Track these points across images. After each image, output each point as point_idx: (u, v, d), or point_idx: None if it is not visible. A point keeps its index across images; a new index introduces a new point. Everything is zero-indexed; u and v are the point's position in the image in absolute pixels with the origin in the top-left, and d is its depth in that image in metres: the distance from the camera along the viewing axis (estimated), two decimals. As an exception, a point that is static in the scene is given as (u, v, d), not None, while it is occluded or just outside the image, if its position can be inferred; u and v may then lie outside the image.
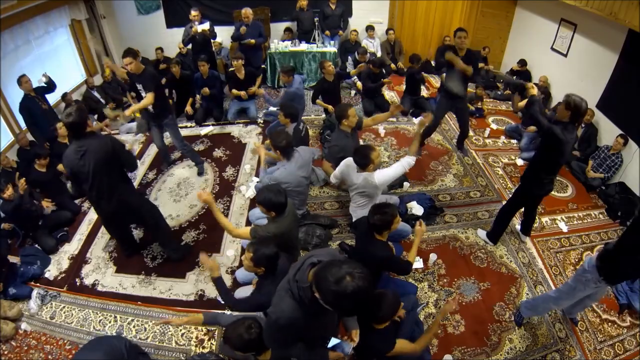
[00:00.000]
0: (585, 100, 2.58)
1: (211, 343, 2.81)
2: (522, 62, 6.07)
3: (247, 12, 5.71)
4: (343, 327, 2.18)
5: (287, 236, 2.67)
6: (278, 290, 1.76)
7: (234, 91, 5.35)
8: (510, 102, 6.13)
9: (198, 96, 5.60)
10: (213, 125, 5.48)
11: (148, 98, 3.60)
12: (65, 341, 2.86)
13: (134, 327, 2.95)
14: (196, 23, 5.56)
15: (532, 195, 3.17)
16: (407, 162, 3.08)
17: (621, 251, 2.20)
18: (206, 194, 2.60)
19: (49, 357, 2.77)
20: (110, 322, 2.99)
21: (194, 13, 5.53)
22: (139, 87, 3.79)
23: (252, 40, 5.76)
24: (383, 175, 3.10)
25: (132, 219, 3.32)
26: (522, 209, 3.49)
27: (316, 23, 6.24)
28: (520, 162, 4.76)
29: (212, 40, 5.98)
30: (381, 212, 2.46)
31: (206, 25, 5.58)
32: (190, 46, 5.97)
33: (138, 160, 4.82)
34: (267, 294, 2.27)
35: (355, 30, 6.74)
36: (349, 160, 3.24)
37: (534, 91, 2.97)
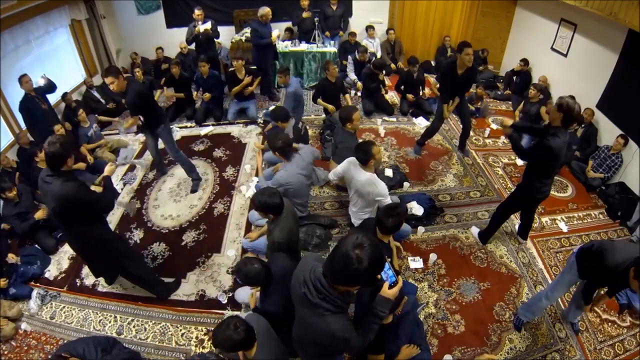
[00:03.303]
0: (578, 103, 2.56)
1: (211, 343, 2.81)
2: (525, 61, 6.07)
3: (268, 12, 5.43)
4: None
5: (292, 236, 2.67)
6: (315, 324, 1.65)
7: (234, 89, 5.33)
8: (510, 102, 6.12)
9: (196, 93, 5.61)
10: (213, 125, 5.48)
11: (129, 121, 3.52)
12: (65, 341, 2.85)
13: (134, 327, 2.95)
14: (199, 22, 5.55)
15: (526, 198, 3.17)
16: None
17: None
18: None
19: (49, 357, 2.76)
20: (110, 322, 2.99)
21: (197, 12, 5.52)
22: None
23: (276, 34, 5.60)
24: (378, 193, 3.10)
25: (103, 260, 2.86)
26: (520, 213, 3.50)
27: (316, 23, 6.24)
28: (520, 162, 4.75)
29: (215, 40, 5.96)
30: (395, 214, 2.50)
31: (208, 25, 5.56)
32: (193, 45, 5.96)
33: (138, 161, 4.83)
34: (276, 304, 2.28)
35: (353, 33, 6.75)
36: (352, 159, 3.25)
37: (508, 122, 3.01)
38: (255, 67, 5.75)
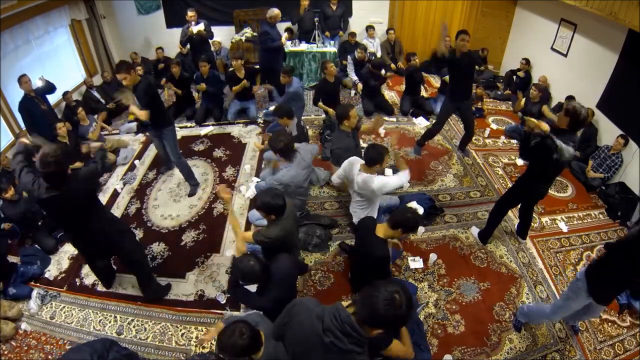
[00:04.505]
0: (585, 107, 2.59)
1: (211, 343, 2.79)
2: (527, 61, 6.06)
3: (278, 14, 5.20)
4: None
5: (289, 237, 2.67)
6: None
7: (235, 88, 5.31)
8: (510, 102, 6.12)
9: (197, 94, 5.60)
10: (213, 125, 5.48)
11: (142, 115, 3.40)
12: (65, 341, 2.86)
13: (134, 327, 2.95)
14: (192, 23, 5.52)
15: (523, 195, 3.17)
16: (405, 176, 3.14)
17: (606, 271, 2.22)
18: (225, 192, 2.65)
19: (49, 357, 2.77)
20: (110, 322, 2.99)
21: (190, 14, 5.49)
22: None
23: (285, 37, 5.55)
24: (383, 184, 3.07)
25: (109, 253, 2.98)
26: (519, 212, 3.50)
27: (316, 23, 6.25)
28: (520, 162, 4.75)
29: (210, 40, 5.94)
30: (413, 213, 2.61)
31: (201, 26, 5.53)
32: (189, 46, 5.95)
33: (138, 161, 4.82)
34: (271, 301, 2.27)
35: (353, 33, 6.74)
36: (352, 159, 3.26)
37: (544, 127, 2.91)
38: (259, 67, 5.74)
